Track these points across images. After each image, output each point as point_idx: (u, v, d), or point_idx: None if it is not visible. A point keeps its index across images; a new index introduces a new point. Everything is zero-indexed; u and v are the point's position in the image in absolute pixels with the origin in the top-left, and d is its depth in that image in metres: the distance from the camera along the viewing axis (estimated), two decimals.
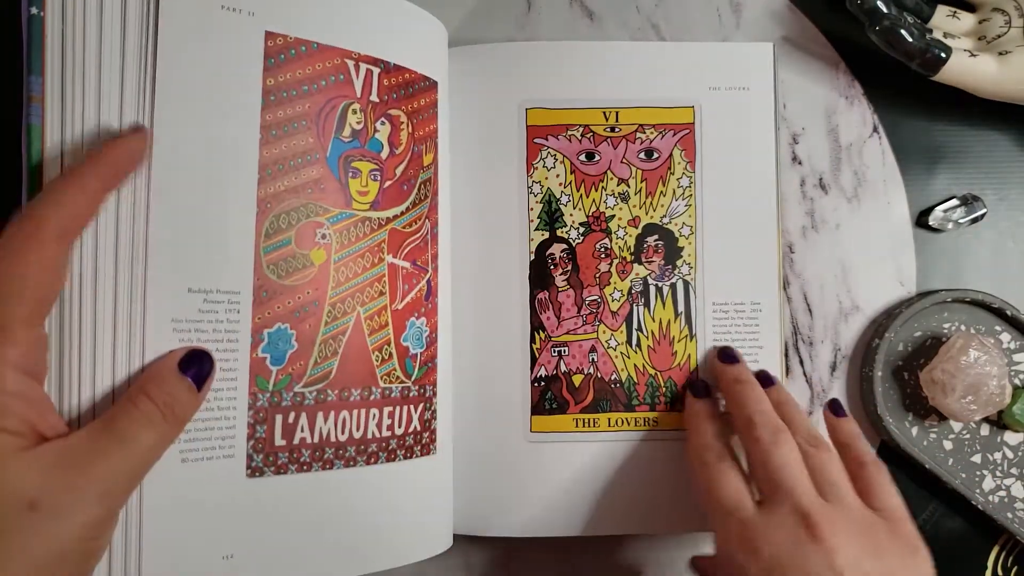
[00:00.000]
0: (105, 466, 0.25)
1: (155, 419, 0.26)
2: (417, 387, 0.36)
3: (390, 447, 0.35)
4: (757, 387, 0.36)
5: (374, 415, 0.34)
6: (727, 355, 0.38)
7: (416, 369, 0.36)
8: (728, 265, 0.40)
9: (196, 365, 0.28)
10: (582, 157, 0.40)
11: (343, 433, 0.33)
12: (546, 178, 0.40)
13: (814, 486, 0.32)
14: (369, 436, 0.34)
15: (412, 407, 0.36)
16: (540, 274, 0.40)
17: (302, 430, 0.32)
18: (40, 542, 0.23)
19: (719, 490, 0.33)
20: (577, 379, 0.39)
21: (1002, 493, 0.41)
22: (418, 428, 0.36)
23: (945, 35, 0.41)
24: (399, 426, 0.35)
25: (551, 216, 0.40)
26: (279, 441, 0.32)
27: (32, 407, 0.25)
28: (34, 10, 0.27)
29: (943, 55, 0.39)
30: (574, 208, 0.40)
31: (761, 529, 0.31)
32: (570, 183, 0.40)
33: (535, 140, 0.40)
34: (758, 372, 0.38)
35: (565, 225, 0.40)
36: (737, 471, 0.34)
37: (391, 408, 0.35)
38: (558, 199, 0.40)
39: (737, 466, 0.34)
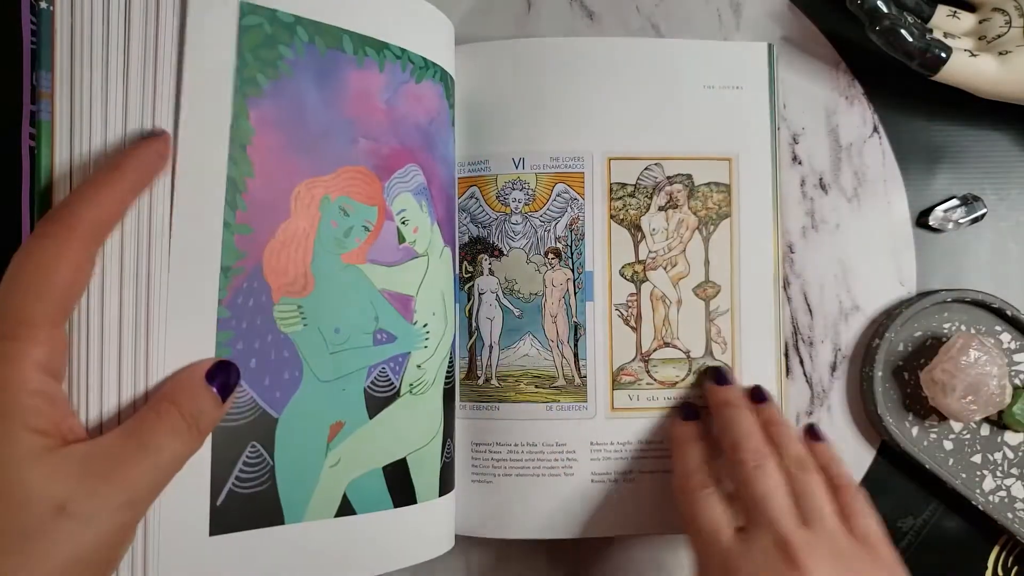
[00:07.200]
0: (130, 474, 0.24)
1: (180, 430, 0.26)
2: None
3: None
4: (745, 411, 0.36)
5: None
6: (719, 376, 0.38)
7: None
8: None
9: (223, 376, 0.28)
10: None
11: None
12: None
13: (797, 511, 0.32)
14: None
15: None
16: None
17: None
18: (65, 547, 0.23)
19: (699, 518, 0.33)
20: None
21: (1002, 493, 0.41)
22: None
23: (945, 35, 0.41)
24: None
25: None
26: None
27: (55, 408, 0.24)
28: (43, 4, 0.27)
29: (943, 55, 0.39)
30: None
31: (740, 558, 0.31)
32: None
33: None
34: (752, 388, 0.38)
35: None
36: (718, 499, 0.34)
37: None
38: None
39: (719, 494, 0.34)
